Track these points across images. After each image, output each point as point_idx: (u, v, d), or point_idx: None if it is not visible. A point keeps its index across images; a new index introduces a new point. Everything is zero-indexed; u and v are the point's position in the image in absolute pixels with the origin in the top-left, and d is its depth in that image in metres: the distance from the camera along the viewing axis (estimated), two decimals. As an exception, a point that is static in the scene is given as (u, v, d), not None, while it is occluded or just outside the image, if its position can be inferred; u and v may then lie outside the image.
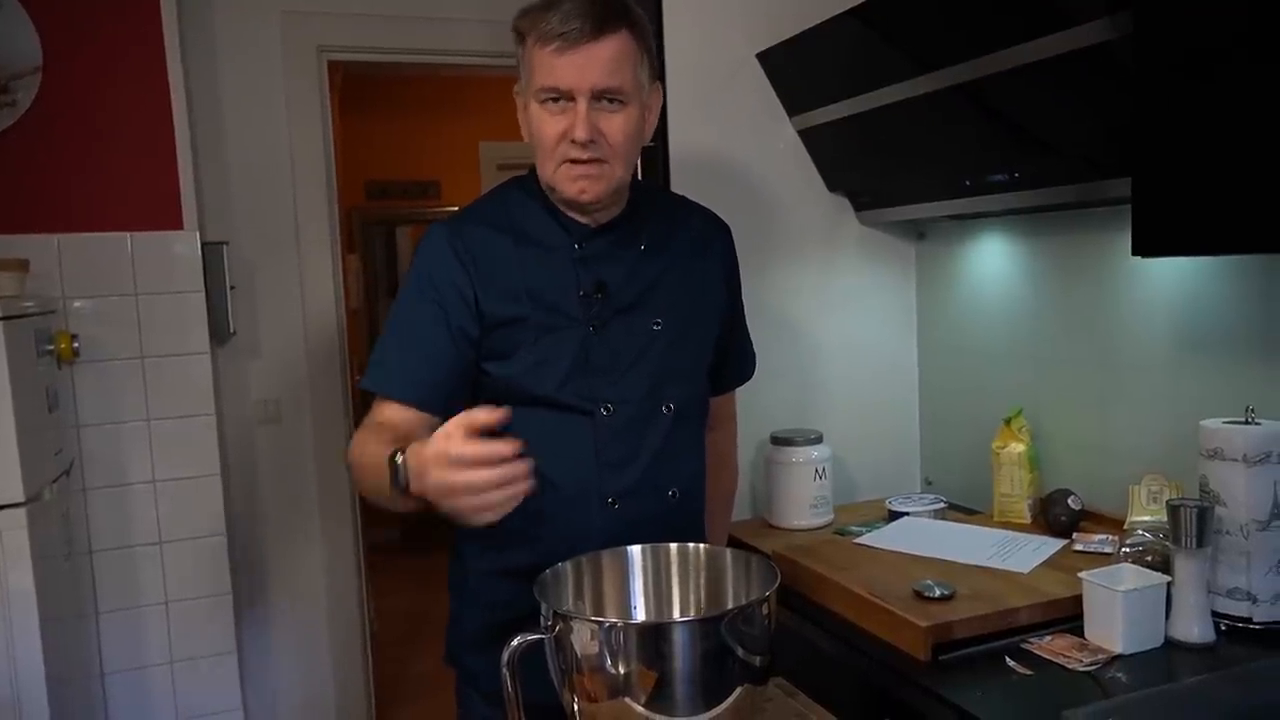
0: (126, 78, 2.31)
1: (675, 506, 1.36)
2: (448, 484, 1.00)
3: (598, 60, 1.20)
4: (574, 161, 1.23)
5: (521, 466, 0.98)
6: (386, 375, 1.30)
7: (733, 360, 1.52)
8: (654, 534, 1.20)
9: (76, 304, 2.28)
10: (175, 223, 2.37)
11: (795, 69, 1.94)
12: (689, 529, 1.38)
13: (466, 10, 2.85)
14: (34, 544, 1.79)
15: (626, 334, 1.32)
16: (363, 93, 4.96)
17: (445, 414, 1.29)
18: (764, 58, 1.98)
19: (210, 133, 2.63)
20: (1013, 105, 1.56)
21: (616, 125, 1.23)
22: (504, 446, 0.98)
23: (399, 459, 1.08)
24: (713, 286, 1.43)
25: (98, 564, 2.33)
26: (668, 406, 1.34)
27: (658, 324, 1.33)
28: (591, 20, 1.18)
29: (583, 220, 1.31)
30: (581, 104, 1.21)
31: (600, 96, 1.21)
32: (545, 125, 1.24)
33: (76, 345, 2.21)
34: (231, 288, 2.54)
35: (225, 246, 2.52)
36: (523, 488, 0.99)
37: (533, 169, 1.33)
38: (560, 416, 1.30)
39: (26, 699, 1.79)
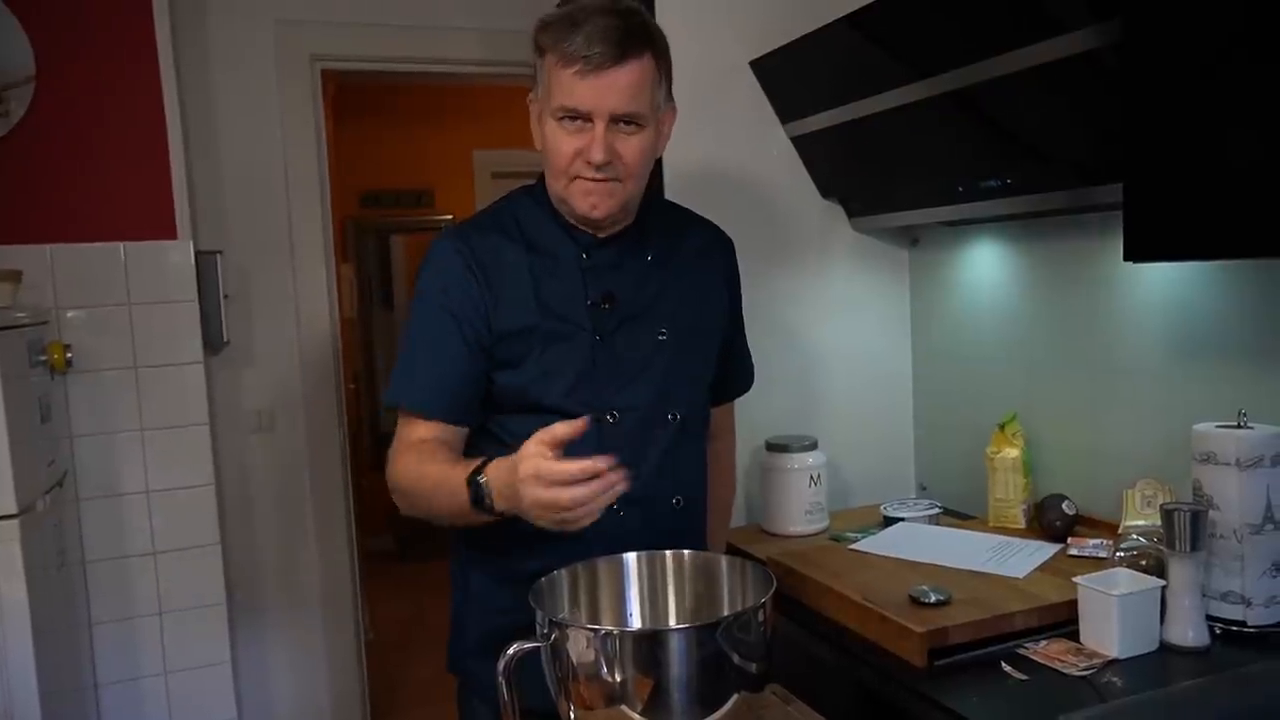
0: (120, 87, 2.31)
1: (680, 513, 1.37)
2: (546, 501, 1.02)
3: (619, 85, 1.20)
4: (587, 179, 1.24)
5: (616, 475, 1.01)
6: (415, 391, 1.29)
7: (732, 372, 1.53)
8: (659, 541, 1.21)
9: (70, 314, 2.28)
10: (169, 232, 2.37)
11: (788, 76, 1.95)
12: (693, 536, 1.39)
13: (460, 19, 2.86)
14: (27, 555, 1.78)
15: (633, 343, 1.32)
16: (356, 102, 4.96)
17: (472, 422, 1.32)
18: (757, 65, 1.98)
19: (204, 142, 2.63)
20: (1005, 112, 1.56)
21: (633, 147, 1.24)
22: (598, 462, 1.00)
23: (482, 479, 1.11)
24: (715, 299, 1.44)
25: (91, 575, 2.32)
26: (673, 415, 1.35)
27: (663, 333, 1.34)
28: (615, 45, 1.18)
29: (590, 231, 1.32)
30: (599, 126, 1.21)
31: (619, 120, 1.22)
32: (561, 142, 1.24)
33: (70, 355, 2.20)
34: (225, 297, 2.54)
35: (219, 256, 2.52)
36: (618, 490, 1.02)
37: (541, 178, 1.34)
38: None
39: (19, 712, 1.78)
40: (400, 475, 1.26)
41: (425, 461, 1.23)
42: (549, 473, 1.01)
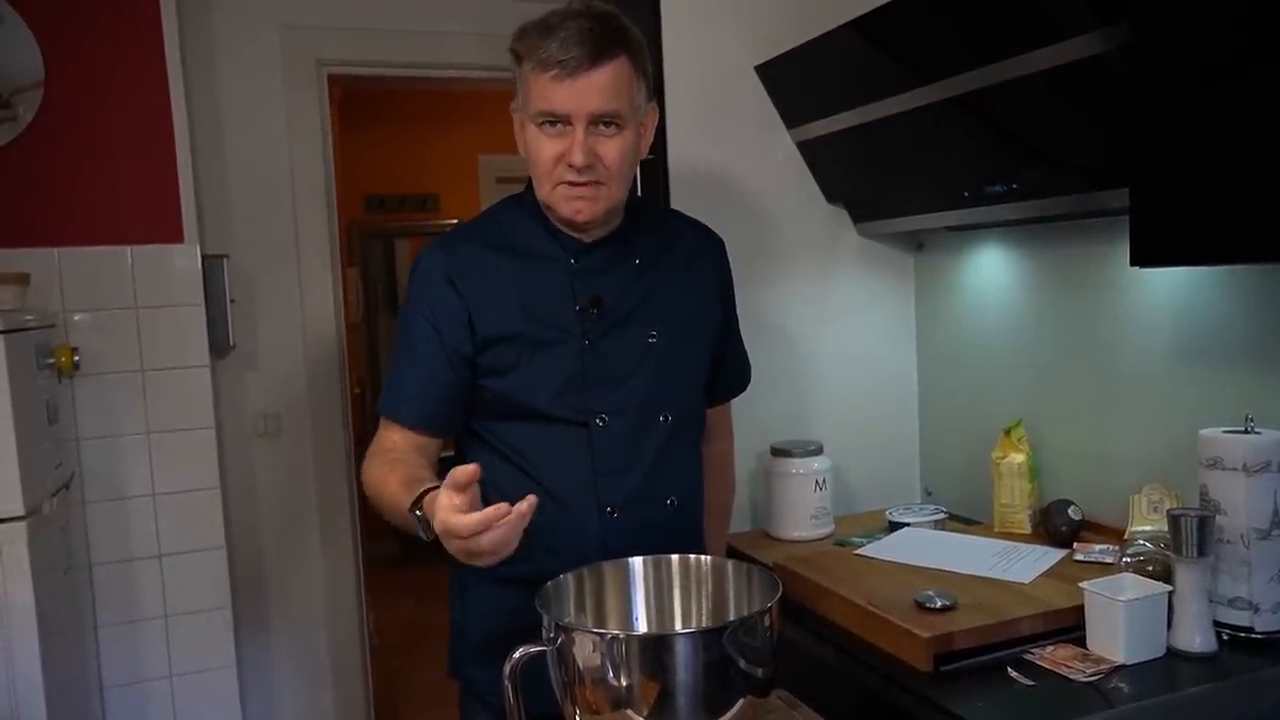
0: (127, 92, 2.32)
1: (674, 514, 1.37)
2: (463, 551, 1.02)
3: (595, 87, 1.21)
4: (571, 183, 1.24)
5: (518, 512, 0.99)
6: (390, 398, 1.34)
7: (727, 372, 1.53)
8: (654, 542, 1.21)
9: (77, 317, 2.28)
10: (175, 236, 2.38)
11: (794, 81, 1.95)
12: (689, 537, 1.39)
13: (465, 24, 2.87)
14: (33, 557, 1.79)
15: (622, 346, 1.33)
16: (362, 106, 4.98)
17: (447, 431, 1.33)
18: (763, 70, 1.99)
19: (211, 146, 2.64)
20: (1010, 117, 1.56)
21: (613, 148, 1.24)
22: (495, 511, 0.99)
23: (419, 513, 1.12)
24: (707, 300, 1.44)
25: (97, 577, 2.32)
26: (665, 416, 1.35)
27: (653, 336, 1.34)
28: (589, 48, 1.19)
29: (577, 236, 1.32)
30: (579, 129, 1.22)
31: (598, 121, 1.22)
32: (542, 148, 1.25)
33: (77, 358, 2.21)
34: (231, 301, 2.55)
35: (225, 260, 2.53)
36: (527, 513, 1.01)
37: (529, 185, 1.34)
38: (556, 428, 1.31)
39: (25, 713, 1.78)
40: (368, 481, 1.30)
41: (390, 471, 1.25)
42: (455, 529, 1.00)
